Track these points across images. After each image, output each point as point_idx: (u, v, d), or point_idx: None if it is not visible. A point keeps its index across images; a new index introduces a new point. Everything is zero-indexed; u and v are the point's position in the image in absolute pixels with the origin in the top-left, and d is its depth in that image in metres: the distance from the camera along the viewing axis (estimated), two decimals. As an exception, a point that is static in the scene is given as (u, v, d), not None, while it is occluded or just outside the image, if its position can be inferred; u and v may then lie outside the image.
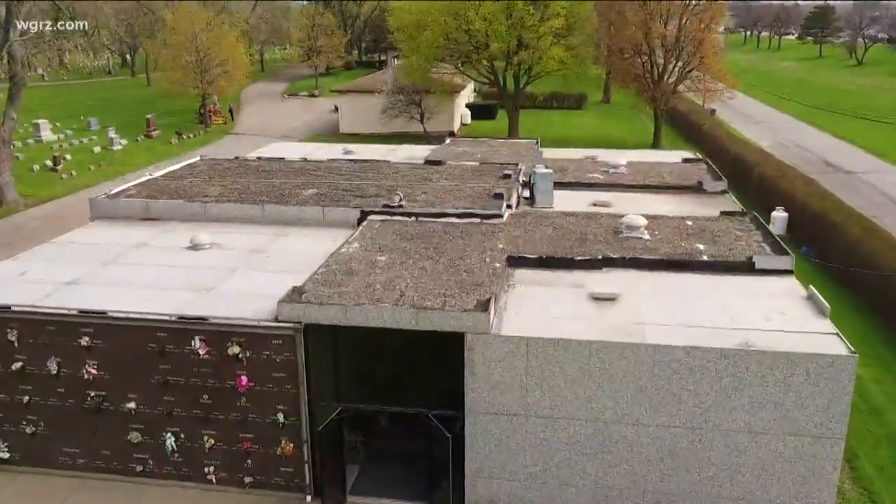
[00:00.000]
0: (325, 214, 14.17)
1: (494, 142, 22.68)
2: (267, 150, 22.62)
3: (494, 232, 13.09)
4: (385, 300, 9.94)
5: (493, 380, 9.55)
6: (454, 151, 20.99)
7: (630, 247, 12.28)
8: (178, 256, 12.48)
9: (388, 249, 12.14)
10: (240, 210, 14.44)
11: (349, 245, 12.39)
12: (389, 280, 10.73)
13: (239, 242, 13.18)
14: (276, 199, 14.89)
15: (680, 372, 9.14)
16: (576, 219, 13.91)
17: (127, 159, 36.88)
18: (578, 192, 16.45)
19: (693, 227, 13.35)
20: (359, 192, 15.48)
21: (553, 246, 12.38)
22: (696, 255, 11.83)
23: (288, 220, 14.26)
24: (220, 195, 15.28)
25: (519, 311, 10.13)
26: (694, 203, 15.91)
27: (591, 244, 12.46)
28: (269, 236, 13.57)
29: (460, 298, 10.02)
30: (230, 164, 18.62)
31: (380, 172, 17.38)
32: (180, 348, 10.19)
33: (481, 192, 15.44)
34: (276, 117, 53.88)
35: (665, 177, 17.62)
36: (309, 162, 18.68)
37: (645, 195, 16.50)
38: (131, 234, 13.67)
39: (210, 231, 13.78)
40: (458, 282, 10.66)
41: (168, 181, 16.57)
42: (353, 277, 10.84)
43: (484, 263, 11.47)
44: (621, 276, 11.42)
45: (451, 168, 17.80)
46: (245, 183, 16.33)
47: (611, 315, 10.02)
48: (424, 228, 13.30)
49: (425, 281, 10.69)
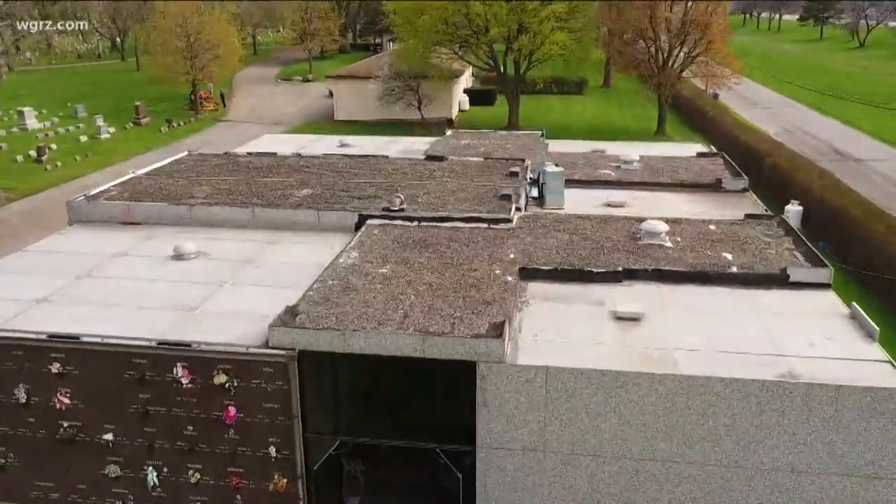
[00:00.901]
0: (321, 218, 13.17)
1: (498, 134, 21.65)
2: (258, 144, 21.56)
3: (504, 238, 12.12)
4: (388, 322, 8.98)
5: (508, 412, 8.62)
6: (456, 145, 19.95)
7: (651, 256, 11.33)
8: (160, 268, 11.48)
9: (389, 260, 11.16)
10: (228, 213, 13.42)
11: (347, 254, 11.41)
12: (392, 297, 9.76)
13: (227, 251, 12.18)
14: (268, 201, 13.87)
15: (717, 406, 8.22)
16: (590, 223, 12.94)
17: (115, 149, 35.78)
18: (589, 191, 15.46)
19: (717, 232, 12.39)
20: (356, 192, 14.46)
21: (567, 255, 11.41)
22: (725, 266, 10.88)
23: (280, 224, 13.26)
24: (207, 196, 14.24)
25: (535, 333, 9.18)
26: (713, 203, 14.94)
27: (608, 253, 11.50)
28: (259, 243, 12.57)
29: (471, 320, 9.07)
30: (219, 160, 17.56)
31: (378, 169, 16.35)
32: (161, 376, 9.22)
33: (487, 191, 14.43)
34: (269, 103, 52.67)
35: (680, 173, 16.64)
36: (302, 158, 17.63)
37: (660, 194, 15.53)
38: (110, 242, 12.65)
39: (196, 237, 12.78)
40: (468, 299, 9.70)
41: (152, 180, 15.52)
42: (352, 294, 9.87)
43: (494, 276, 10.50)
44: (644, 290, 10.48)
45: (453, 164, 16.78)
46: (234, 182, 15.29)
47: (637, 338, 9.08)
48: (428, 234, 12.31)
49: (431, 298, 9.73)
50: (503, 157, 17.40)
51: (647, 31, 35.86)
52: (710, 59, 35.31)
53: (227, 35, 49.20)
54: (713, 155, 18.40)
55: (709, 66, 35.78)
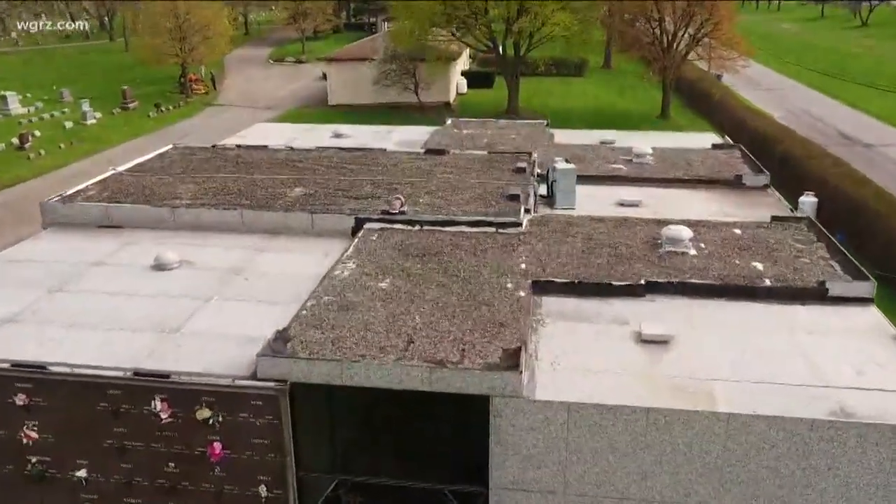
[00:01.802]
0: (315, 222, 12.20)
1: (500, 123, 20.63)
2: (248, 135, 20.50)
3: (513, 245, 11.18)
4: (390, 350, 8.06)
5: (525, 451, 7.74)
6: (457, 136, 18.93)
7: (675, 266, 10.41)
8: (139, 280, 10.51)
9: (389, 271, 10.22)
10: (215, 216, 12.44)
11: (343, 265, 10.46)
12: (393, 318, 8.83)
13: (213, 259, 11.22)
14: (258, 202, 12.88)
15: (759, 446, 7.35)
16: (605, 226, 12.00)
17: (101, 135, 34.57)
18: (601, 188, 14.51)
19: (743, 237, 11.47)
20: (352, 191, 13.48)
21: (583, 264, 10.49)
22: (756, 278, 9.98)
23: (271, 228, 12.28)
24: (192, 196, 13.24)
25: (553, 360, 8.27)
26: (734, 201, 14.02)
27: (628, 262, 10.58)
28: (248, 250, 11.60)
29: (482, 346, 8.16)
30: (206, 153, 16.51)
31: (375, 164, 15.34)
32: (138, 409, 8.31)
33: (493, 190, 13.47)
34: (262, 85, 51.32)
35: (696, 168, 15.68)
36: (295, 151, 16.59)
37: (676, 191, 14.59)
38: (87, 249, 11.66)
39: (180, 243, 11.81)
40: (477, 320, 8.78)
41: (134, 177, 14.49)
42: (350, 314, 8.94)
43: (505, 291, 9.58)
44: (670, 306, 9.58)
45: (455, 158, 15.78)
46: (222, 179, 14.27)
47: (666, 365, 8.19)
48: (431, 240, 11.37)
49: (437, 319, 8.81)
50: (508, 151, 16.41)
51: (651, 12, 34.71)
52: (717, 41, 34.20)
53: (217, 16, 47.75)
54: (729, 147, 17.44)
55: (715, 48, 34.65)
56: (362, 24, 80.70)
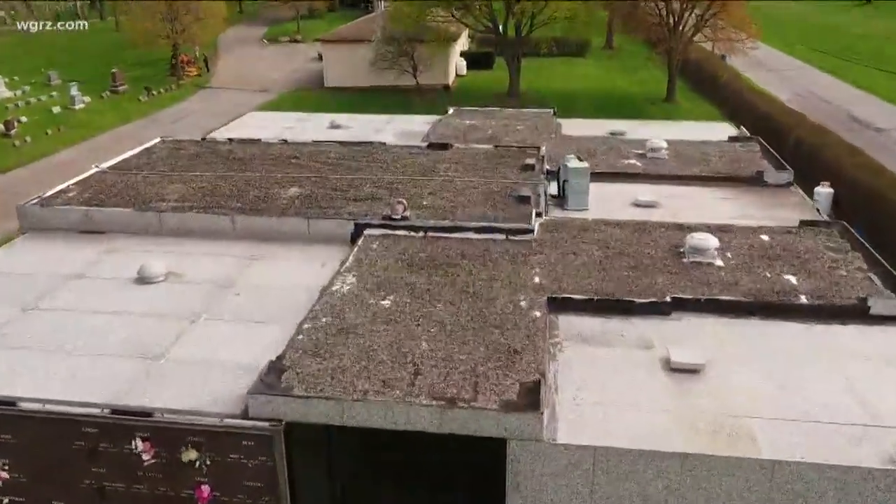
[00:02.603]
0: (311, 227, 11.38)
1: (504, 113, 19.72)
2: (241, 125, 19.58)
3: (525, 254, 10.38)
4: (395, 383, 7.29)
5: (546, 499, 7.00)
6: (459, 126, 18.05)
7: (701, 279, 9.63)
8: (122, 295, 9.71)
9: (392, 286, 9.42)
10: (203, 221, 11.60)
11: (342, 278, 9.66)
12: (398, 343, 8.05)
13: (201, 270, 10.41)
14: (250, 204, 12.04)
15: (807, 496, 6.62)
16: (623, 232, 11.19)
17: (90, 121, 33.50)
18: (614, 186, 13.69)
19: (772, 244, 10.68)
20: (351, 191, 12.64)
21: (602, 277, 9.70)
22: (790, 293, 9.20)
23: (264, 234, 11.46)
24: (180, 198, 12.39)
25: (576, 394, 7.51)
26: (756, 201, 13.20)
27: (650, 273, 9.79)
28: (240, 259, 10.79)
29: (497, 378, 7.39)
30: (195, 147, 15.63)
31: (375, 161, 14.49)
32: (118, 448, 7.55)
33: (500, 190, 12.64)
34: (256, 67, 50.13)
35: (714, 163, 14.84)
36: (290, 145, 15.72)
37: (694, 189, 13.77)
38: (65, 259, 10.84)
39: (166, 251, 11.01)
40: (490, 345, 8.01)
41: (118, 176, 13.62)
42: (350, 338, 8.16)
43: (519, 310, 8.80)
44: (697, 326, 8.80)
45: (459, 153, 14.92)
46: (212, 178, 13.42)
47: (699, 399, 7.43)
48: (436, 249, 10.56)
49: (446, 344, 8.03)
50: (515, 145, 15.54)
51: (656, -9, 33.67)
52: (725, 22, 33.12)
53: (210, -6, 46.45)
54: (747, 139, 16.58)
55: (723, 29, 33.56)
56: (358, 2, 79.09)
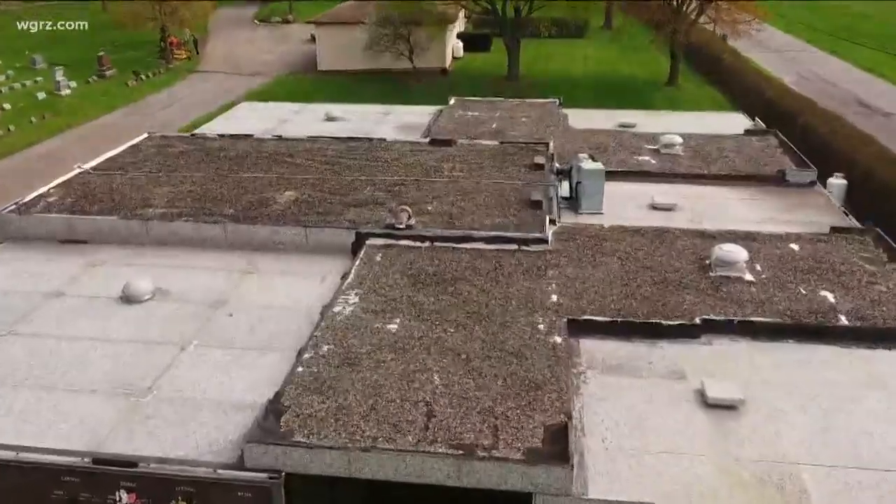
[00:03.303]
0: (309, 237, 10.63)
1: (508, 103, 18.90)
2: (233, 118, 18.71)
3: (540, 267, 9.66)
4: (406, 427, 6.60)
5: (575, 556, 6.34)
6: (462, 119, 17.24)
7: (731, 296, 8.93)
8: (105, 317, 8.95)
9: (399, 307, 8.70)
10: (193, 231, 10.83)
11: (344, 298, 8.93)
12: (408, 377, 7.35)
13: (191, 287, 9.65)
14: (244, 210, 11.27)
15: (866, 556, 5.98)
16: (643, 241, 10.48)
17: (76, 107, 32.42)
18: (628, 186, 12.95)
19: (803, 255, 9.99)
20: (350, 195, 11.87)
21: (625, 294, 8.99)
22: (828, 313, 8.52)
23: (259, 244, 10.71)
24: (168, 202, 11.60)
25: (605, 436, 6.83)
26: (779, 202, 12.50)
27: (675, 290, 9.10)
28: (233, 274, 10.04)
29: (518, 420, 6.71)
30: (184, 144, 14.79)
31: (374, 159, 13.70)
32: (101, 499, 6.84)
33: (510, 193, 11.89)
34: (247, 49, 48.92)
35: (732, 159, 14.10)
36: (284, 141, 14.90)
37: (712, 189, 13.05)
38: (45, 274, 10.05)
39: (153, 264, 10.26)
40: (508, 378, 7.31)
41: (102, 177, 12.80)
42: (354, 372, 7.45)
43: (537, 335, 8.10)
44: (731, 351, 8.12)
45: (463, 151, 14.13)
46: (202, 180, 12.62)
47: (741, 441, 6.76)
48: (444, 262, 9.83)
49: (460, 377, 7.33)
50: (522, 141, 14.76)
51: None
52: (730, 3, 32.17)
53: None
54: (764, 133, 15.83)
55: (728, 10, 32.64)
56: (351, -19, 77.47)
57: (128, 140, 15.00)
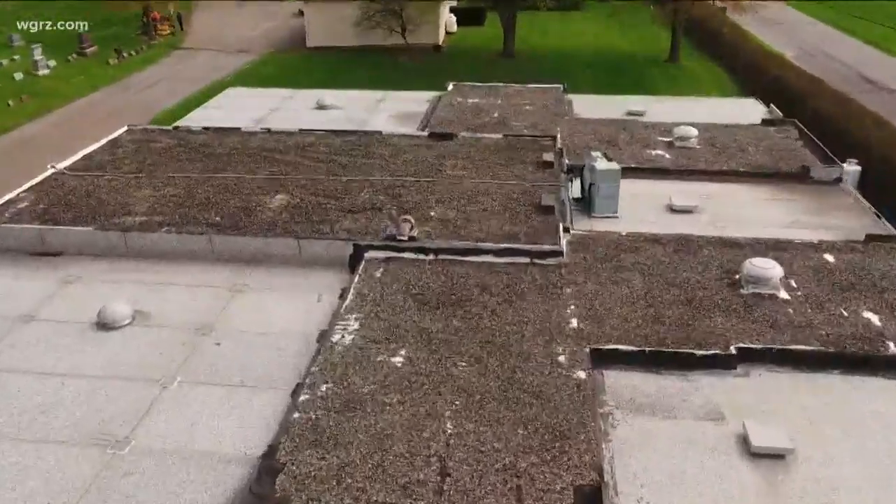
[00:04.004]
0: (303, 249, 9.79)
1: (509, 88, 17.95)
2: (219, 105, 17.69)
3: (556, 284, 8.86)
4: (416, 489, 5.84)
5: None
6: (461, 107, 16.31)
7: (766, 318, 8.17)
8: (78, 347, 8.10)
9: (403, 335, 7.90)
10: (176, 243, 9.95)
11: (343, 323, 8.11)
12: (417, 423, 6.58)
13: (174, 309, 8.80)
14: (231, 217, 10.39)
15: None
16: (664, 251, 9.68)
17: (55, 88, 31.15)
18: (643, 185, 12.14)
19: (839, 267, 9.23)
20: (346, 199, 11.01)
21: (650, 317, 8.21)
22: (876, 339, 7.78)
23: (247, 256, 9.86)
24: (149, 209, 10.71)
25: (641, 495, 6.10)
26: (805, 203, 11.73)
27: (705, 311, 8.32)
28: (220, 292, 9.19)
29: (543, 480, 5.95)
30: (166, 139, 13.82)
31: (370, 155, 12.80)
32: (73, 570, 6.08)
33: (518, 196, 11.06)
34: (232, 24, 47.41)
35: (751, 153, 13.28)
36: (273, 134, 13.94)
37: (733, 188, 12.25)
38: (13, 293, 9.17)
39: (133, 280, 9.41)
40: (529, 425, 6.55)
41: (77, 179, 11.86)
42: (358, 418, 6.66)
43: (558, 368, 7.33)
44: (771, 384, 7.39)
45: (465, 146, 13.24)
46: (185, 182, 11.70)
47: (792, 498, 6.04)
48: (450, 278, 9.02)
49: (475, 424, 6.56)
50: (527, 134, 13.87)
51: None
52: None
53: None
54: (782, 122, 14.98)
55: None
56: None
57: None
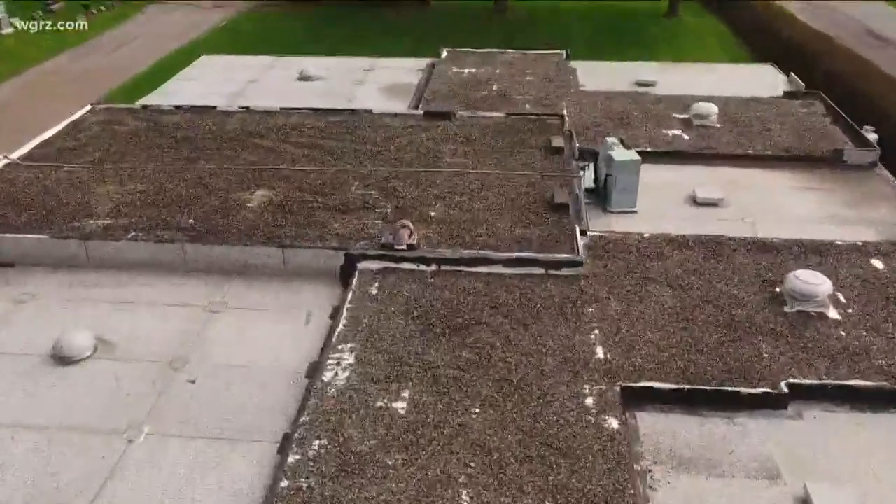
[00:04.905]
0: (288, 260, 8.67)
1: (508, 55, 16.61)
2: (193, 75, 16.26)
3: (576, 302, 7.84)
4: (431, 586, 4.90)
5: None
6: (457, 79, 15.01)
7: (815, 344, 7.21)
8: (30, 387, 7.02)
9: (405, 369, 6.87)
10: (143, 253, 8.80)
11: (336, 355, 7.07)
12: (426, 494, 5.60)
13: (143, 335, 7.70)
14: (206, 220, 9.23)
15: None
16: (694, 256, 8.66)
17: (19, 50, 29.13)
18: (661, 171, 11.04)
19: (890, 276, 8.25)
20: (335, 195, 9.87)
21: (685, 344, 7.22)
22: (944, 370, 6.85)
23: (226, 267, 8.73)
24: (114, 209, 9.52)
25: (692, 584, 5.19)
26: (840, 192, 10.71)
27: (746, 335, 7.34)
28: (195, 311, 8.09)
29: (580, 571, 5.02)
30: (135, 121, 12.50)
31: (360, 139, 11.60)
32: None
33: (526, 189, 9.96)
34: (209, -24, 44.81)
35: (776, 133, 12.17)
36: (252, 114, 12.65)
37: (760, 174, 11.19)
38: (-43, 319, 8.06)
39: (94, 299, 8.30)
40: (558, 493, 5.59)
41: (33, 172, 10.60)
42: (355, 484, 5.67)
43: (585, 414, 6.35)
44: (829, 428, 6.47)
45: (464, 126, 12.04)
46: (154, 175, 10.48)
47: (869, 585, 5.18)
48: (456, 294, 7.96)
49: (494, 493, 5.60)
50: (532, 113, 12.66)
51: None
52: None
53: None
54: (805, 95, 13.83)
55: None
56: None
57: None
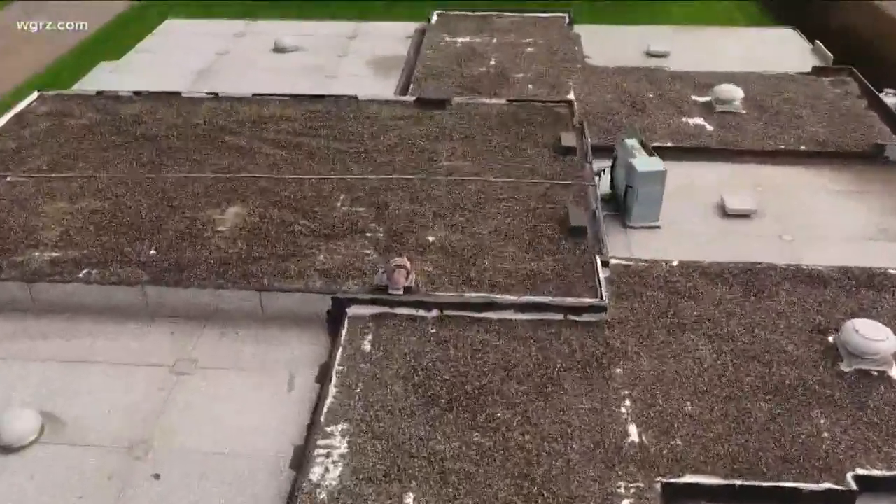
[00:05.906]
0: (266, 304, 7.50)
1: (505, 19, 15.00)
2: (156, 45, 14.59)
3: (601, 360, 6.78)
4: None
5: None
6: (450, 52, 13.52)
7: (882, 418, 6.23)
8: (-36, 490, 5.95)
9: (407, 463, 5.84)
10: (98, 297, 7.58)
11: (325, 442, 6.01)
12: None
13: (97, 410, 6.56)
14: (170, 251, 7.99)
15: None
16: (731, 293, 7.59)
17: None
18: (684, 169, 9.82)
19: (957, 319, 7.24)
20: (319, 212, 8.65)
21: (732, 420, 6.21)
22: None
23: (195, 313, 7.56)
24: (62, 236, 8.25)
25: None
26: (883, 196, 9.60)
27: (799, 406, 6.35)
28: (159, 374, 6.95)
29: None
30: (89, 112, 11.03)
31: (345, 136, 10.29)
32: None
33: (535, 200, 8.78)
34: None
35: (806, 119, 10.94)
36: (221, 102, 11.21)
37: (795, 174, 10.04)
38: None
39: (39, 359, 7.13)
40: None
41: (-31, 185, 9.24)
42: None
43: (621, 521, 5.38)
44: (904, 532, 5.55)
45: (462, 118, 10.72)
46: (112, 186, 9.15)
47: None
48: (462, 350, 6.88)
49: None
50: (536, 99, 11.29)
51: None
52: None
53: None
54: (836, 71, 12.50)
55: None
56: None
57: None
